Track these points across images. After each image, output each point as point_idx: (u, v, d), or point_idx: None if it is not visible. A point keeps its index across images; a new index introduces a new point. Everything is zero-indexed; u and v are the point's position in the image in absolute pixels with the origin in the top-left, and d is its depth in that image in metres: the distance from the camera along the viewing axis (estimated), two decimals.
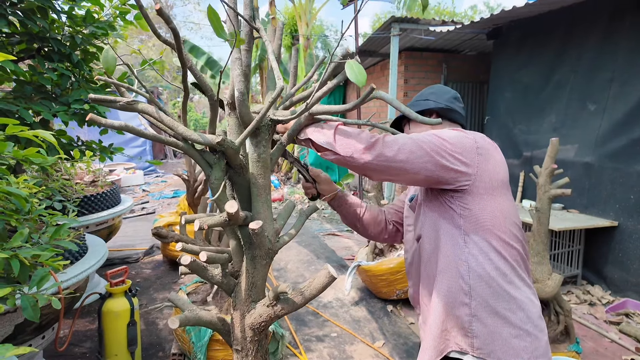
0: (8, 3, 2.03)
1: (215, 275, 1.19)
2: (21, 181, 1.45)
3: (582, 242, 3.71)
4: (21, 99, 2.20)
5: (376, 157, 1.04)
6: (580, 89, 3.91)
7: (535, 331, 1.08)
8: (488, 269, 1.08)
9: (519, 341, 1.05)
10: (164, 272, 4.24)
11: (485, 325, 1.06)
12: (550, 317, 2.36)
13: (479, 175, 1.10)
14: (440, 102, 1.34)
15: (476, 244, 1.09)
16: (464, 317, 1.08)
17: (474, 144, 1.11)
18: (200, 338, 2.33)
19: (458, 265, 1.10)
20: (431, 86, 1.44)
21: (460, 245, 1.10)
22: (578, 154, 3.92)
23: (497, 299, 1.07)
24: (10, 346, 0.85)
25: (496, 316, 1.06)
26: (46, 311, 1.79)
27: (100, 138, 2.78)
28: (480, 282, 1.07)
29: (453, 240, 1.12)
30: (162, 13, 0.73)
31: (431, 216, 1.18)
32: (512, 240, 1.11)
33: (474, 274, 1.08)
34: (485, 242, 1.09)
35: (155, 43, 18.34)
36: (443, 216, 1.14)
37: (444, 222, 1.14)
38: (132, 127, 0.93)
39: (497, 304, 1.07)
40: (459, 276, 1.09)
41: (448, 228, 1.13)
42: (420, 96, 1.41)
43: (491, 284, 1.07)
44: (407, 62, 6.38)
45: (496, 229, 1.10)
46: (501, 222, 1.10)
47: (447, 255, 1.12)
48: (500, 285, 1.07)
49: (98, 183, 3.80)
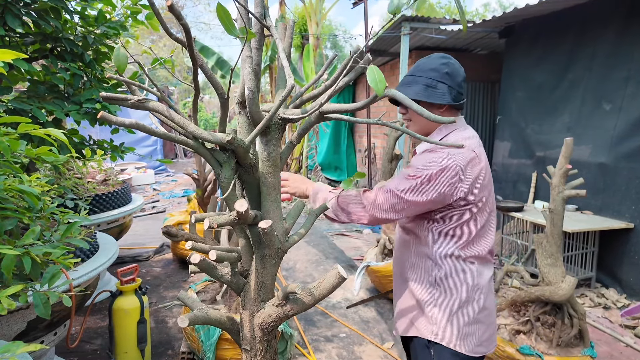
0: (22, 3, 2.05)
1: (225, 274, 1.19)
2: (34, 179, 1.46)
3: (597, 244, 3.64)
4: (34, 99, 2.23)
5: (370, 218, 1.28)
6: (595, 88, 3.84)
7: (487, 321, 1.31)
8: (455, 275, 1.28)
9: (469, 328, 1.28)
10: (173, 270, 4.27)
11: (444, 314, 1.28)
12: (563, 320, 2.31)
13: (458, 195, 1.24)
14: (454, 88, 1.31)
15: (444, 245, 1.29)
16: (429, 306, 1.30)
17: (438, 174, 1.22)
18: (209, 337, 2.33)
19: (427, 261, 1.31)
20: (443, 57, 1.34)
21: (430, 245, 1.30)
22: (593, 154, 3.85)
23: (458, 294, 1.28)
24: (22, 343, 0.86)
25: (455, 307, 1.28)
26: (57, 308, 1.80)
27: (112, 137, 2.81)
28: (445, 280, 1.28)
29: (426, 239, 1.31)
30: (174, 9, 0.72)
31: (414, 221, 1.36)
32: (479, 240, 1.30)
33: (440, 272, 1.29)
34: (455, 248, 1.28)
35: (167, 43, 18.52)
36: (422, 217, 1.32)
37: (423, 221, 1.32)
38: (143, 125, 0.93)
39: (457, 298, 1.28)
40: (426, 271, 1.31)
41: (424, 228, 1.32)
42: (435, 72, 1.30)
43: (453, 282, 1.28)
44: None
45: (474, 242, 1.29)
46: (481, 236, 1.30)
47: (420, 250, 1.34)
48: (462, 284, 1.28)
49: (109, 182, 3.84)
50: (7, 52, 0.98)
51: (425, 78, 1.31)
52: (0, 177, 1.22)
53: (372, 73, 0.84)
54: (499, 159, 5.19)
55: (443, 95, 1.29)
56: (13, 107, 2.07)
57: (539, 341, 2.30)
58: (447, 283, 1.29)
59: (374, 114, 7.59)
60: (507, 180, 5.08)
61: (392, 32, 5.58)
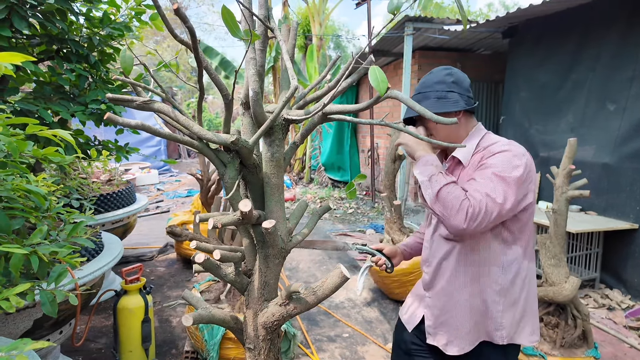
0: (28, 5, 2.08)
1: (229, 273, 1.20)
2: (40, 179, 1.48)
3: (601, 244, 3.62)
4: (41, 99, 2.25)
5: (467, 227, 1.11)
6: (599, 88, 3.82)
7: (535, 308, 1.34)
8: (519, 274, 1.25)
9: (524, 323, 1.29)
10: (177, 270, 4.29)
11: (512, 318, 1.25)
12: (567, 321, 2.31)
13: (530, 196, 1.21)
14: (464, 94, 1.30)
15: (512, 249, 1.24)
16: (496, 313, 1.25)
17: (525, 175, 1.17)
18: (213, 336, 2.35)
19: (492, 269, 1.24)
20: (445, 68, 1.34)
21: (498, 251, 1.24)
22: (597, 154, 3.83)
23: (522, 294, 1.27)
24: (29, 340, 0.87)
25: (519, 309, 1.26)
26: (63, 307, 1.82)
27: (117, 138, 2.83)
28: (512, 285, 1.25)
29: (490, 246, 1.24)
30: (180, 12, 0.73)
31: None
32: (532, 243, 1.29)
33: (507, 277, 1.24)
34: (521, 249, 1.25)
35: (171, 44, 18.59)
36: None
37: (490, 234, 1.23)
38: (148, 126, 0.94)
39: (521, 300, 1.27)
40: (494, 280, 1.24)
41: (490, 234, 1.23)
42: (442, 84, 1.30)
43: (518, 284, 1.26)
44: (421, 61, 6.33)
45: (529, 238, 1.27)
46: (531, 231, 1.28)
47: (484, 258, 1.25)
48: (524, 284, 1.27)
49: (114, 182, 3.87)
50: (15, 55, 1.00)
51: (434, 92, 1.31)
52: (8, 177, 1.24)
53: (374, 73, 0.84)
54: None
55: (456, 102, 1.29)
56: (20, 108, 2.09)
57: (543, 342, 2.30)
58: (514, 288, 1.25)
59: (377, 115, 7.59)
60: None
61: (396, 33, 5.58)
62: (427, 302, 1.39)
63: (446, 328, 1.32)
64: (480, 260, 1.25)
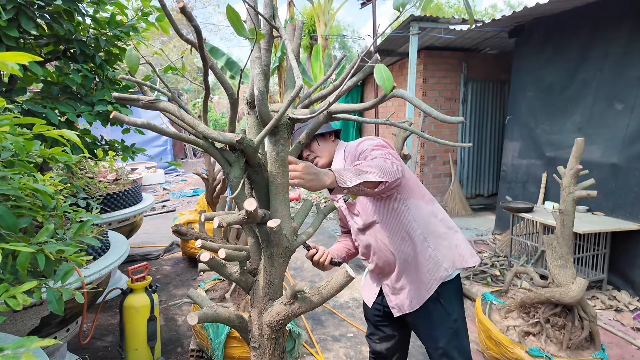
0: (36, 6, 2.09)
1: (234, 272, 1.20)
2: (47, 179, 1.50)
3: (608, 245, 3.59)
4: (48, 99, 2.27)
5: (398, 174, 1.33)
6: (607, 88, 3.79)
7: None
8: (429, 214, 1.56)
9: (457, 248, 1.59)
10: (183, 269, 4.31)
11: (440, 252, 1.55)
12: (574, 323, 2.29)
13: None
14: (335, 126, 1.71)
15: (413, 204, 1.54)
16: (431, 254, 1.54)
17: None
18: (218, 335, 2.35)
19: (409, 224, 1.52)
20: None
21: (405, 211, 1.53)
22: (604, 154, 3.79)
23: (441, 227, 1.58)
24: (36, 338, 0.88)
25: (444, 241, 1.56)
26: (70, 305, 1.84)
27: (123, 137, 2.84)
28: (428, 226, 1.55)
29: (400, 211, 1.52)
30: (185, 11, 0.73)
31: (377, 203, 1.53)
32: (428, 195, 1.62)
33: (422, 223, 1.54)
34: (418, 200, 1.56)
35: (176, 44, 18.68)
36: (385, 198, 1.50)
37: (387, 202, 1.52)
38: (154, 125, 0.94)
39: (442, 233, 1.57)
40: (413, 230, 1.53)
41: (392, 204, 1.52)
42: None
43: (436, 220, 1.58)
44: (426, 61, 6.30)
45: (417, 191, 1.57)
46: (418, 185, 1.60)
47: (400, 222, 1.52)
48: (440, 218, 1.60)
49: (120, 181, 3.90)
50: (23, 55, 1.01)
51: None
52: (16, 176, 1.25)
53: (379, 71, 0.84)
54: (509, 159, 5.14)
55: (330, 125, 1.66)
56: (27, 108, 2.11)
57: (549, 343, 2.28)
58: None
59: (382, 114, 7.57)
60: (516, 181, 5.03)
61: (401, 32, 5.56)
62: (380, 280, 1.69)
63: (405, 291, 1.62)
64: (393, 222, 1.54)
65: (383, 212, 1.54)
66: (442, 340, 1.57)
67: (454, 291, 1.61)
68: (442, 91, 6.50)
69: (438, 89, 6.47)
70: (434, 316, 1.58)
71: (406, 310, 1.59)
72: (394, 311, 1.64)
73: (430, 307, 1.57)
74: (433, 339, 1.59)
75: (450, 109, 6.56)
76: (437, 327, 1.58)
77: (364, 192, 1.29)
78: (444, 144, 0.98)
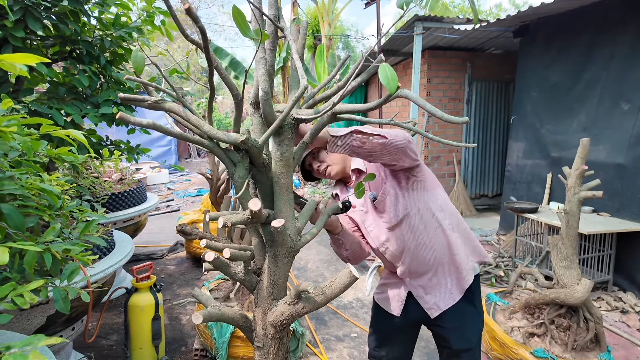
0: (42, 7, 2.11)
1: (238, 272, 1.21)
2: (54, 178, 1.51)
3: (614, 246, 3.56)
4: (54, 100, 2.28)
5: (407, 138, 1.29)
6: (613, 88, 3.76)
7: None
8: (451, 205, 1.54)
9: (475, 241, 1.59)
10: (187, 268, 4.32)
11: (466, 244, 1.53)
12: (579, 324, 2.27)
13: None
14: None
15: (440, 194, 1.51)
16: (461, 245, 1.50)
17: None
18: (222, 334, 2.36)
19: (438, 213, 1.47)
20: None
21: (433, 200, 1.48)
22: (610, 154, 3.77)
23: (461, 220, 1.56)
24: (43, 336, 0.89)
25: (466, 233, 1.55)
26: (76, 304, 1.85)
27: (128, 138, 2.86)
28: (452, 216, 1.51)
29: (430, 200, 1.47)
30: (191, 12, 0.74)
31: (408, 194, 1.46)
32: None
33: (448, 213, 1.50)
34: (441, 190, 1.54)
35: (181, 45, 18.73)
36: (415, 187, 1.46)
37: (419, 192, 1.46)
38: (159, 125, 0.95)
39: (463, 225, 1.55)
40: (443, 219, 1.47)
41: (424, 194, 1.47)
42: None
43: (456, 213, 1.55)
44: (431, 61, 6.29)
45: (438, 185, 1.54)
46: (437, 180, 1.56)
47: (432, 212, 1.46)
48: (456, 211, 1.57)
49: (125, 181, 3.92)
50: (29, 56, 1.01)
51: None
52: (23, 175, 1.26)
53: (384, 71, 0.84)
54: (513, 159, 5.12)
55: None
56: (34, 108, 2.12)
57: (554, 344, 2.27)
58: None
59: (386, 114, 7.56)
60: (521, 181, 5.01)
61: (405, 32, 5.55)
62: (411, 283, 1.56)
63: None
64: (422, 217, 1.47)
65: (414, 202, 1.46)
66: (473, 340, 1.53)
67: (479, 288, 1.57)
68: (446, 91, 6.48)
69: (442, 89, 6.45)
70: (468, 316, 1.52)
71: (447, 306, 1.50)
72: (431, 312, 1.53)
73: (464, 306, 1.51)
74: (465, 341, 1.52)
75: (454, 109, 6.54)
76: (469, 328, 1.52)
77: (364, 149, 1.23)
78: (448, 144, 0.98)
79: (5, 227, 1.09)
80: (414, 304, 1.56)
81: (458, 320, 1.51)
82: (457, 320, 1.51)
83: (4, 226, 1.09)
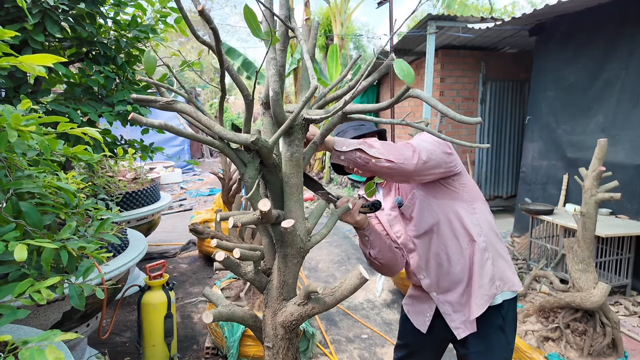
0: (60, 10, 2.15)
1: (248, 272, 1.21)
2: (70, 177, 1.54)
3: (633, 250, 3.47)
4: (71, 100, 2.33)
5: (419, 161, 1.22)
6: (632, 87, 3.67)
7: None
8: (491, 223, 1.43)
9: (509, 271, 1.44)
10: (199, 267, 4.37)
11: (497, 268, 1.40)
12: (595, 329, 2.22)
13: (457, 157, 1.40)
14: (373, 128, 1.57)
15: (480, 208, 1.41)
16: (489, 268, 1.38)
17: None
18: (233, 333, 2.38)
19: (473, 228, 1.38)
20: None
21: (471, 213, 1.39)
22: (629, 155, 3.68)
23: (500, 243, 1.44)
24: (59, 332, 0.91)
25: (501, 257, 1.42)
26: (90, 301, 1.89)
27: (142, 137, 2.90)
28: (490, 235, 1.40)
29: (466, 212, 1.39)
30: (204, 14, 0.74)
31: (438, 203, 1.39)
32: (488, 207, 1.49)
33: (486, 230, 1.39)
34: (482, 205, 1.43)
35: (194, 45, 18.93)
36: (450, 197, 1.39)
37: (453, 202, 1.39)
38: (171, 126, 0.96)
39: (499, 248, 1.43)
40: (478, 236, 1.37)
41: (458, 204, 1.39)
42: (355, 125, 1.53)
43: (495, 233, 1.43)
44: (444, 60, 6.23)
45: (481, 197, 1.45)
46: (479, 192, 1.47)
47: (465, 225, 1.38)
48: (497, 233, 1.45)
49: (139, 180, 3.97)
50: (48, 57, 1.04)
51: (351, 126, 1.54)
52: (40, 174, 1.29)
53: (400, 66, 0.83)
54: (528, 160, 5.04)
55: (372, 127, 1.57)
56: (51, 108, 2.17)
57: (569, 349, 2.22)
58: None
59: (398, 114, 7.51)
60: (536, 183, 4.92)
61: (418, 31, 5.51)
62: (438, 299, 1.47)
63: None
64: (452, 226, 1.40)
65: (446, 212, 1.38)
66: None
67: (513, 315, 1.46)
68: (460, 91, 6.41)
69: (456, 89, 6.38)
70: (494, 343, 1.42)
71: (475, 329, 1.41)
72: (457, 332, 1.42)
73: (493, 331, 1.41)
74: None
75: (468, 108, 6.46)
76: (493, 356, 1.42)
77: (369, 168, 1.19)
78: (461, 145, 0.97)
79: (24, 224, 1.12)
80: (441, 322, 1.47)
81: (484, 345, 1.41)
82: (482, 345, 1.41)
83: (23, 224, 1.12)
